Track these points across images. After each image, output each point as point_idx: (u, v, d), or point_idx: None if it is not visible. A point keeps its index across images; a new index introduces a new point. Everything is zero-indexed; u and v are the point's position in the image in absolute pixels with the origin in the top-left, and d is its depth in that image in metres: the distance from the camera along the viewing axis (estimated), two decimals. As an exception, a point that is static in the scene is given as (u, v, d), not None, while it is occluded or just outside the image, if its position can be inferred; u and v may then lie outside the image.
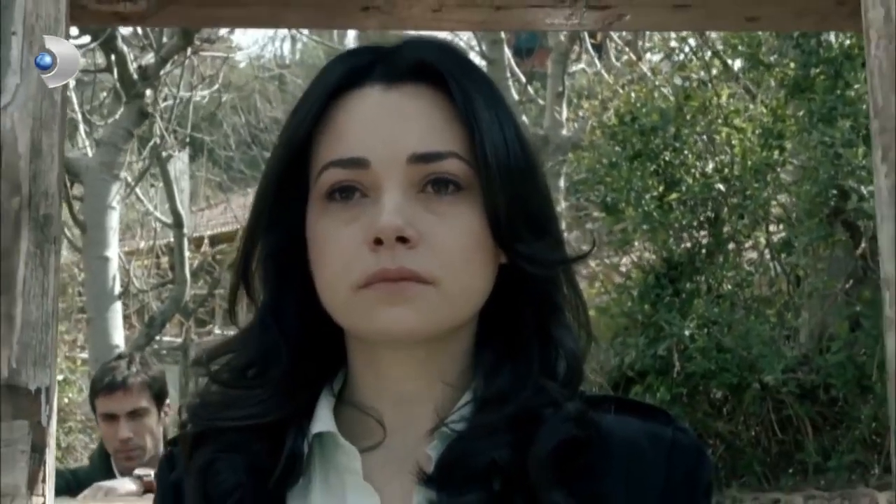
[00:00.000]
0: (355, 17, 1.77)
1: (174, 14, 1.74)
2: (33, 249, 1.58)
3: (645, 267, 9.17)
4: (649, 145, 8.94)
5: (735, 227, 9.07)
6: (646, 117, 8.89)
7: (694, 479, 1.44)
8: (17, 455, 1.50)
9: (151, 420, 4.23)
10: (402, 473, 1.42)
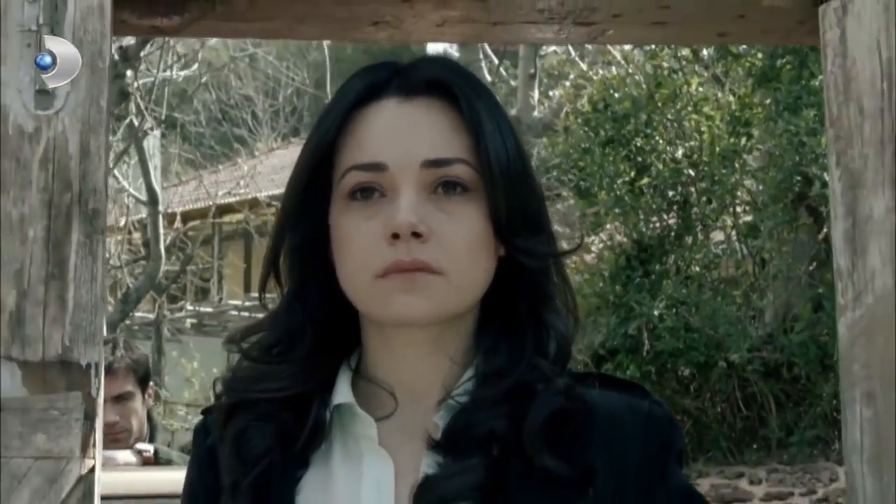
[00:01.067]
0: (366, 31, 1.93)
1: (204, 27, 1.89)
2: (83, 240, 1.72)
3: (616, 249, 9.36)
4: (621, 131, 9.13)
5: (703, 210, 9.26)
6: (618, 104, 9.08)
7: (667, 445, 1.57)
8: (73, 422, 1.67)
9: (136, 403, 4.31)
10: (412, 440, 1.52)
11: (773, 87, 8.64)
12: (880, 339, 1.81)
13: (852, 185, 1.85)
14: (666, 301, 8.71)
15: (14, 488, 1.64)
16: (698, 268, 9.20)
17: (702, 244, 9.31)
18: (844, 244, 1.85)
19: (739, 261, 9.48)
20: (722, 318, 8.65)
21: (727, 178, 8.98)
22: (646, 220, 9.22)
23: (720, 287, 9.23)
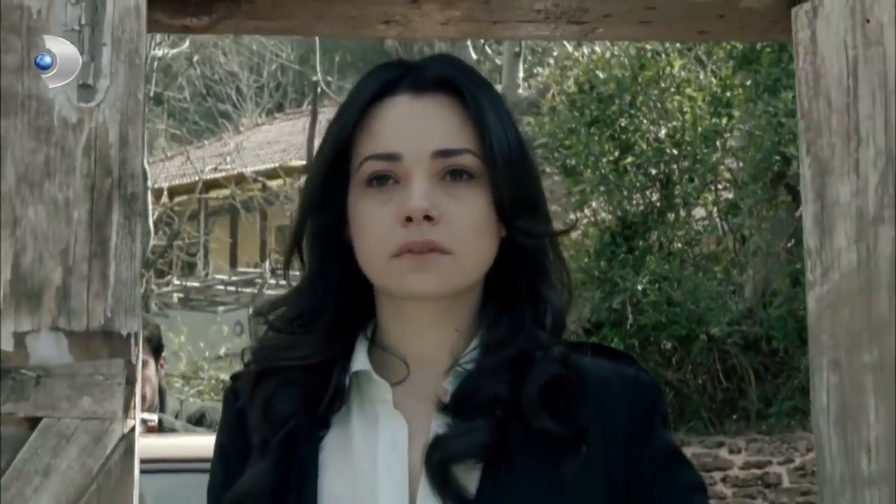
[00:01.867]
0: (377, 29, 2.05)
1: (229, 25, 2.01)
2: (123, 221, 1.84)
3: (601, 226, 9.45)
4: (606, 112, 9.21)
5: (685, 189, 9.34)
6: (603, 85, 9.16)
7: (652, 409, 1.68)
8: (115, 387, 1.79)
9: (150, 371, 4.39)
10: (423, 403, 1.62)
11: (754, 70, 8.73)
12: (845, 312, 1.93)
13: (821, 172, 1.97)
14: (649, 276, 8.81)
15: (63, 446, 1.76)
16: (680, 244, 9.29)
17: (684, 221, 9.40)
18: (813, 225, 1.97)
19: (720, 237, 9.58)
20: (703, 292, 8.76)
21: (708, 158, 9.09)
22: (629, 197, 9.32)
23: (701, 263, 9.34)
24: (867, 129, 1.94)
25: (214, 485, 1.71)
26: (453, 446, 1.57)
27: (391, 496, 1.59)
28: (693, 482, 1.68)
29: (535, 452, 1.59)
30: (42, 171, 1.84)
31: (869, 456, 1.89)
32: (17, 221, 1.83)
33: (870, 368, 1.92)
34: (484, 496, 1.57)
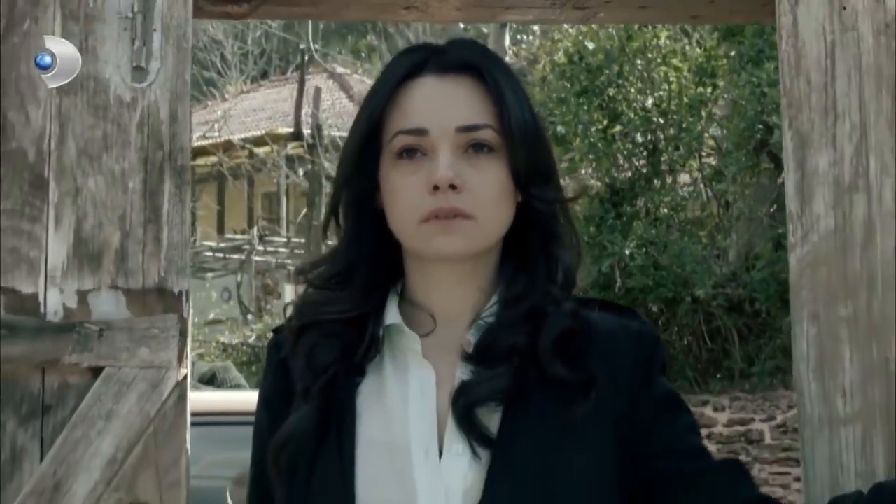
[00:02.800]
0: (399, 13, 2.17)
1: (265, 11, 2.13)
2: (174, 190, 1.94)
3: (590, 192, 9.52)
4: (595, 82, 9.25)
5: (671, 156, 9.38)
6: (592, 57, 9.21)
7: (652, 358, 1.81)
8: (170, 339, 1.89)
9: None
10: (449, 354, 1.73)
11: (738, 41, 8.77)
12: (823, 270, 2.02)
13: (801, 144, 2.05)
14: (636, 241, 8.87)
15: (123, 393, 1.88)
16: (666, 210, 9.34)
17: (670, 187, 9.45)
18: (795, 193, 2.05)
19: (705, 203, 9.63)
20: (688, 256, 8.83)
21: (694, 126, 9.14)
22: (617, 165, 9.38)
23: (687, 228, 9.39)
24: (843, 105, 2.02)
25: (260, 428, 1.82)
26: (477, 391, 1.68)
27: (421, 436, 1.69)
28: (690, 424, 1.79)
29: (550, 397, 1.70)
30: (100, 145, 1.95)
31: (844, 399, 1.98)
32: (78, 191, 1.94)
33: (845, 321, 2.00)
34: (504, 435, 1.67)
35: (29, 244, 1.92)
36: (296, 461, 1.71)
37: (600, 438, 1.71)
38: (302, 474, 1.71)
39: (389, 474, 1.70)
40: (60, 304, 1.91)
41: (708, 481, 1.75)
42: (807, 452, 2.02)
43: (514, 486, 1.67)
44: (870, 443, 1.95)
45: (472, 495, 1.66)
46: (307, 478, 1.71)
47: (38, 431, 1.88)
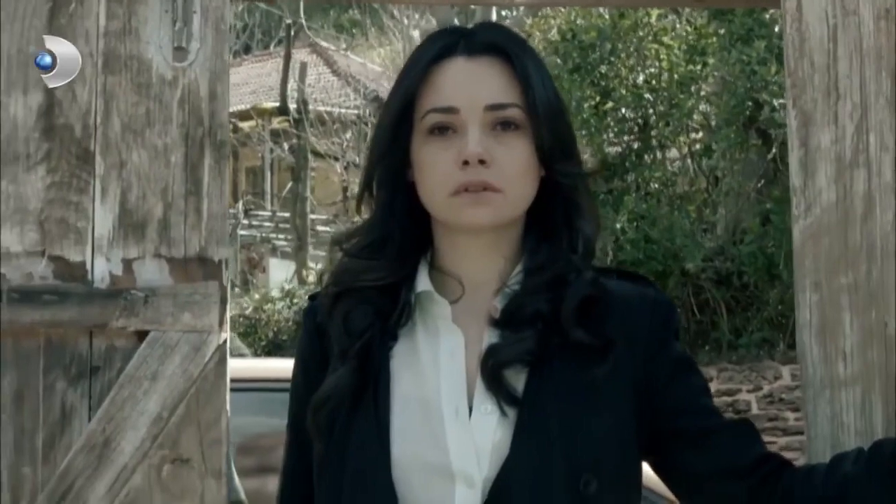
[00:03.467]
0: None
1: None
2: (213, 164, 2.01)
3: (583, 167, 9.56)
4: (587, 59, 9.28)
5: (662, 132, 9.43)
6: (585, 34, 9.26)
7: (667, 323, 1.88)
8: (212, 304, 1.97)
9: None
10: (477, 319, 1.79)
11: (728, 20, 8.82)
12: (825, 241, 2.09)
13: (805, 122, 2.11)
14: (628, 215, 8.92)
15: (168, 355, 1.96)
16: (657, 185, 9.41)
17: (660, 163, 9.52)
18: (799, 168, 2.13)
19: (694, 178, 9.71)
20: (678, 230, 8.89)
21: (684, 103, 9.19)
22: (609, 141, 9.44)
23: (676, 202, 9.45)
24: (844, 86, 2.08)
25: (297, 389, 1.89)
26: (505, 353, 1.76)
27: (452, 396, 1.77)
28: (701, 385, 1.86)
29: (571, 359, 1.77)
30: (143, 121, 2.02)
31: (845, 362, 2.04)
32: (122, 164, 2.01)
33: (845, 289, 2.06)
34: (530, 395, 1.75)
35: (77, 215, 2.00)
36: (333, 418, 1.78)
37: (618, 398, 1.79)
38: (339, 430, 1.78)
39: (422, 431, 1.76)
40: (107, 271, 1.99)
41: (719, 439, 1.82)
42: (809, 412, 2.08)
43: (539, 441, 1.74)
44: (869, 403, 2.01)
45: (501, 451, 1.73)
46: (345, 433, 1.77)
47: (87, 391, 1.96)
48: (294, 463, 1.89)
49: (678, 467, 1.85)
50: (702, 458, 1.82)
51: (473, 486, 1.74)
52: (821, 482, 1.78)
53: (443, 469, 1.75)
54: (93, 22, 2.02)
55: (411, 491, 1.75)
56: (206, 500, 1.94)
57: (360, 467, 1.77)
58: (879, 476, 1.77)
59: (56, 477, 1.92)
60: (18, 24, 2.02)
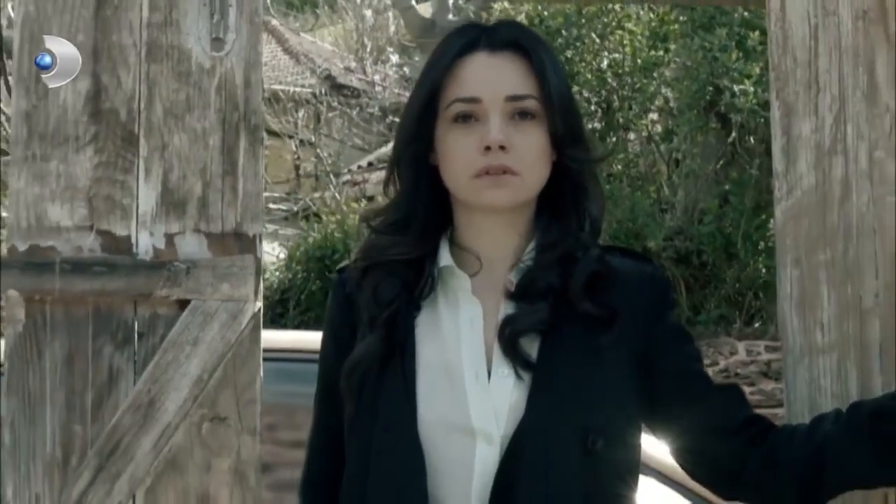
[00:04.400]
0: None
1: None
2: (248, 146, 2.09)
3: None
4: (553, 44, 9.41)
5: (625, 115, 9.55)
6: (552, 20, 9.38)
7: (664, 297, 1.99)
8: (247, 276, 2.05)
9: None
10: (494, 292, 1.93)
11: (690, 7, 8.93)
12: (805, 221, 2.19)
13: (787, 113, 2.23)
14: (591, 196, 9.06)
15: (208, 322, 2.05)
16: (620, 166, 9.52)
17: (623, 145, 9.65)
18: (781, 155, 2.25)
19: (655, 160, 9.86)
20: (640, 210, 9.02)
21: (647, 87, 9.34)
22: (574, 123, 9.54)
23: (638, 184, 9.59)
24: (824, 80, 2.16)
25: (326, 354, 2.02)
26: (520, 323, 1.90)
27: (472, 361, 1.90)
28: (694, 353, 2.00)
29: (579, 328, 1.91)
30: (183, 106, 2.10)
31: (822, 332, 2.15)
32: (164, 146, 2.10)
33: (823, 265, 2.16)
34: (543, 360, 1.89)
35: (122, 192, 2.09)
36: (363, 381, 1.91)
37: (622, 363, 1.92)
38: (369, 391, 1.91)
39: (446, 393, 1.89)
40: (150, 245, 2.08)
41: (711, 401, 1.96)
42: (789, 377, 2.22)
43: (551, 402, 1.87)
44: (844, 369, 2.11)
45: (517, 411, 1.86)
46: (374, 394, 1.90)
47: (132, 355, 2.05)
48: (325, 419, 2.02)
49: (673, 427, 1.97)
50: (695, 419, 1.95)
51: (492, 443, 1.86)
52: (803, 441, 1.90)
53: (465, 427, 1.87)
54: (136, 14, 2.11)
55: (436, 447, 1.87)
56: (241, 455, 2.05)
57: (389, 425, 1.89)
58: (856, 434, 1.87)
59: (105, 434, 2.02)
60: (67, 14, 2.11)
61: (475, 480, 1.85)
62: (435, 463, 1.86)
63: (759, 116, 8.66)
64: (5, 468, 2.04)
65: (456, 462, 1.86)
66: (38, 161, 2.09)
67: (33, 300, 2.06)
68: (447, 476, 1.86)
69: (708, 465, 1.98)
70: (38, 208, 2.09)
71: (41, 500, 2.03)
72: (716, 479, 2.00)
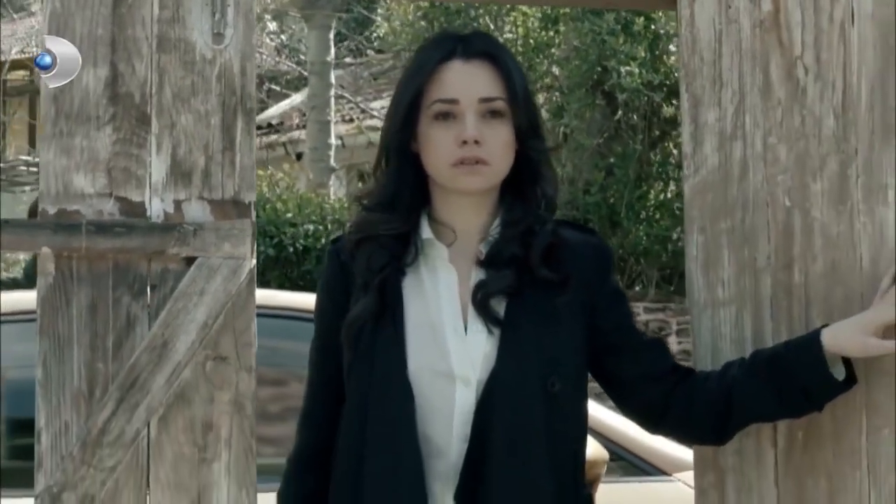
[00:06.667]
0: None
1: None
2: (244, 126, 2.27)
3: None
4: (453, 25, 9.61)
5: None
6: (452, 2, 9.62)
7: (608, 264, 2.22)
8: (245, 237, 2.22)
9: None
10: (466, 260, 2.13)
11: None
12: (709, 195, 2.38)
13: (695, 104, 2.41)
14: (484, 169, 9.29)
15: (212, 275, 2.26)
16: None
17: None
18: (689, 139, 2.44)
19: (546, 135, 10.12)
20: (532, 182, 9.32)
21: (539, 67, 9.66)
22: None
23: None
24: (727, 77, 2.37)
25: (324, 311, 2.23)
26: (490, 287, 2.11)
27: (451, 318, 2.13)
28: (629, 312, 2.26)
29: (539, 291, 2.12)
30: (189, 91, 2.30)
31: (723, 287, 2.36)
32: (173, 125, 2.30)
33: (724, 231, 2.37)
34: (510, 318, 2.10)
35: (137, 164, 2.29)
36: (360, 333, 2.13)
37: (573, 320, 2.14)
38: (365, 343, 2.13)
39: (430, 344, 2.11)
40: (161, 210, 2.29)
41: (642, 351, 2.23)
42: (695, 325, 2.44)
43: (518, 353, 2.09)
44: (741, 318, 2.35)
45: (490, 359, 2.09)
46: (370, 345, 2.12)
47: (146, 304, 2.27)
48: (322, 367, 2.24)
49: (612, 372, 2.24)
50: (629, 366, 2.22)
51: (469, 386, 2.09)
52: (715, 385, 2.20)
53: (447, 373, 2.11)
54: (148, 10, 2.31)
55: (422, 390, 2.10)
56: (239, 389, 2.28)
57: (383, 371, 2.10)
58: (756, 376, 2.16)
59: (125, 370, 2.24)
60: (88, 10, 2.31)
61: (456, 418, 2.07)
62: (422, 402, 2.07)
63: (643, 95, 9.03)
64: (39, 400, 2.26)
65: (440, 402, 2.08)
66: (65, 137, 2.30)
67: (62, 256, 2.27)
68: (433, 413, 2.08)
69: (640, 404, 2.23)
70: (65, 178, 2.30)
71: (70, 427, 2.26)
72: (647, 415, 2.26)
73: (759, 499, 2.36)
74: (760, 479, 2.36)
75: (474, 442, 2.06)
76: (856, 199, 2.30)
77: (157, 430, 2.26)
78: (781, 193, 2.34)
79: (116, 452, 2.24)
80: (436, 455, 2.09)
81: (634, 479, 3.95)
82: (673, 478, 3.92)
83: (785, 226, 2.35)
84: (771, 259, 2.34)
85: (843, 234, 2.31)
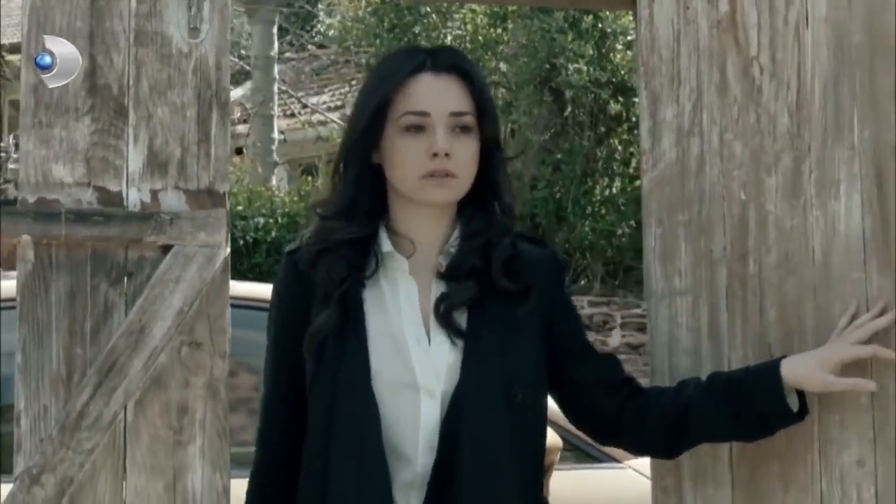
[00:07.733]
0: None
1: None
2: (219, 118, 2.30)
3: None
4: (403, 20, 9.73)
5: None
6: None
7: (562, 276, 2.24)
8: (220, 226, 2.25)
9: None
10: (426, 272, 2.13)
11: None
12: (667, 189, 2.44)
13: (654, 101, 2.46)
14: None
15: (188, 263, 2.29)
16: None
17: None
18: (648, 134, 2.50)
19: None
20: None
21: (488, 63, 9.72)
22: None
23: None
24: (684, 75, 2.43)
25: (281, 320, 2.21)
26: (453, 299, 2.12)
27: (413, 329, 2.12)
28: (580, 321, 2.31)
29: (500, 302, 2.14)
30: (166, 83, 2.33)
31: (679, 277, 2.42)
32: (150, 117, 2.33)
33: (681, 224, 2.42)
34: (472, 329, 2.12)
35: (114, 155, 2.32)
36: (324, 344, 2.14)
37: (533, 329, 2.17)
38: (329, 354, 2.13)
39: (393, 355, 2.12)
40: (138, 199, 2.32)
41: (597, 363, 2.27)
42: (652, 314, 2.51)
43: (481, 363, 2.11)
44: (697, 307, 2.41)
45: (454, 370, 2.10)
46: (334, 356, 2.12)
47: (123, 291, 2.30)
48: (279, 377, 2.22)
49: (571, 378, 2.24)
50: (589, 370, 2.26)
51: (434, 398, 2.09)
52: (670, 400, 2.24)
53: (411, 384, 2.10)
54: (125, 4, 2.34)
55: (387, 401, 2.12)
56: (213, 374, 2.32)
57: (347, 380, 2.10)
58: (713, 398, 2.20)
59: (103, 355, 2.27)
60: (67, 4, 2.33)
61: (422, 429, 2.08)
62: (386, 412, 2.09)
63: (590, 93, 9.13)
64: (19, 384, 2.29)
65: (404, 412, 2.09)
66: (44, 127, 2.33)
67: (41, 244, 2.30)
68: (397, 423, 2.09)
69: (592, 415, 2.26)
70: (44, 167, 2.33)
71: (49, 410, 2.29)
72: (598, 427, 2.29)
73: (713, 482, 2.42)
74: (716, 461, 2.42)
75: (442, 452, 2.08)
76: (809, 193, 2.35)
77: (134, 414, 2.29)
78: (737, 188, 2.39)
79: (94, 435, 2.27)
80: (401, 464, 2.10)
81: (587, 466, 4.04)
82: (623, 465, 4.01)
83: (740, 219, 2.39)
84: (727, 250, 2.38)
85: (797, 228, 2.35)
